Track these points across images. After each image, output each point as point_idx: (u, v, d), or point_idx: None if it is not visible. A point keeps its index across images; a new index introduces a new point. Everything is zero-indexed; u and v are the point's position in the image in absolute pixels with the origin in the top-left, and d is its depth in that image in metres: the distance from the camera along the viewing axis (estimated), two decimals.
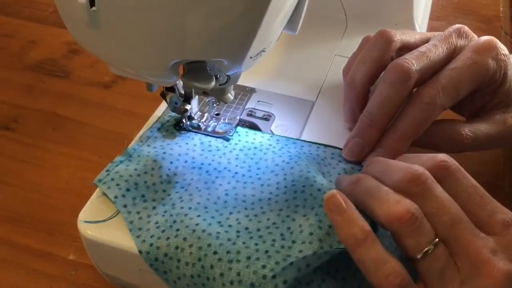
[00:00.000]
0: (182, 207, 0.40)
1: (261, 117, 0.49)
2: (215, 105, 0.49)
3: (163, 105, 0.50)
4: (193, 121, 0.47)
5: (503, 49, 0.45)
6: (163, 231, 0.39)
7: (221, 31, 0.33)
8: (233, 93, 0.43)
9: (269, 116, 0.50)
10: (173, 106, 0.45)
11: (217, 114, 0.49)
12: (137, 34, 0.33)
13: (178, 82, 0.42)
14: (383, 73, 0.44)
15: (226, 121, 0.48)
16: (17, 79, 0.67)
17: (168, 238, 0.38)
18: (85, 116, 0.62)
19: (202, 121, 0.47)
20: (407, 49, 0.45)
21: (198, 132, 0.47)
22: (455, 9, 0.80)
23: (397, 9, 0.59)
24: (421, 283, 0.34)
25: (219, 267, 0.36)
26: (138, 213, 0.40)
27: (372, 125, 0.43)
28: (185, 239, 0.38)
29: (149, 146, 0.45)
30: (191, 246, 0.37)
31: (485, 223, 0.34)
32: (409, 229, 0.33)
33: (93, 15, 0.32)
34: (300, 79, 0.54)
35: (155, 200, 0.41)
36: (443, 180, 0.35)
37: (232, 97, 0.43)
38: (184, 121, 0.47)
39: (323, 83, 0.54)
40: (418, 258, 0.33)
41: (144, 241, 0.38)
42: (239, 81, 0.42)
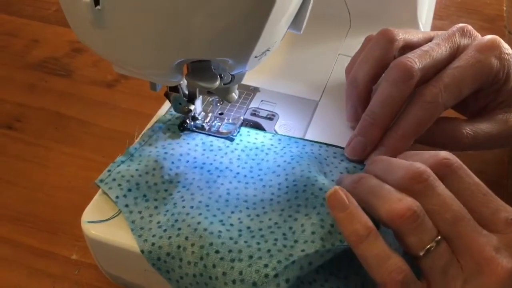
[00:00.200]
0: (183, 206, 0.40)
1: (265, 117, 0.49)
2: (219, 104, 0.49)
3: (167, 104, 0.49)
4: (197, 122, 0.47)
5: (506, 48, 0.45)
6: (165, 231, 0.38)
7: (226, 30, 0.33)
8: (237, 92, 0.43)
9: (273, 115, 0.49)
10: (176, 106, 0.45)
11: (221, 113, 0.49)
12: (141, 33, 0.33)
13: (182, 82, 0.42)
14: (385, 71, 0.44)
15: (230, 121, 0.48)
16: (20, 78, 0.67)
17: (170, 237, 0.38)
18: (88, 115, 0.62)
19: (206, 121, 0.47)
20: (409, 48, 0.45)
21: (202, 132, 0.47)
22: (458, 9, 0.79)
23: (401, 8, 0.59)
24: (424, 281, 0.34)
25: (221, 266, 0.36)
26: (139, 212, 0.40)
27: (374, 124, 0.43)
28: (187, 238, 0.38)
29: (150, 145, 0.45)
30: (193, 245, 0.37)
31: (488, 221, 0.34)
32: (411, 227, 0.33)
33: (97, 14, 0.32)
34: (304, 79, 0.54)
35: (156, 199, 0.41)
36: (446, 177, 0.35)
37: (236, 97, 0.42)
38: (188, 121, 0.46)
39: (327, 82, 0.53)
40: (420, 255, 0.33)
41: (146, 240, 0.38)
42: (243, 80, 0.41)
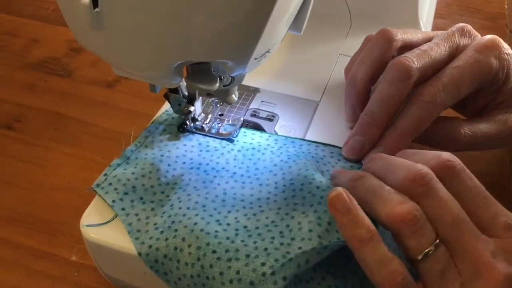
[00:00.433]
0: (180, 207, 0.40)
1: (265, 118, 0.49)
2: (219, 105, 0.49)
3: (167, 105, 0.49)
4: (197, 123, 0.47)
5: (506, 48, 0.44)
6: (162, 232, 0.38)
7: (226, 32, 0.33)
8: (237, 94, 0.42)
9: (273, 116, 0.49)
10: (176, 107, 0.45)
11: (221, 114, 0.49)
12: (140, 35, 0.33)
13: (181, 83, 0.42)
14: (384, 71, 0.44)
15: (230, 122, 0.48)
16: (20, 78, 0.67)
17: (167, 239, 0.38)
18: (88, 115, 0.61)
19: (205, 122, 0.47)
20: (408, 48, 0.45)
21: (201, 134, 0.47)
22: (460, 7, 0.79)
23: (402, 7, 0.59)
24: (421, 284, 0.34)
25: (218, 266, 0.36)
26: (136, 215, 0.40)
27: (372, 123, 0.43)
28: (183, 239, 0.37)
29: (146, 147, 0.45)
30: (190, 246, 0.37)
31: (487, 225, 0.34)
32: (410, 230, 0.33)
33: (96, 17, 0.32)
34: (304, 79, 0.53)
35: (153, 202, 0.41)
36: (447, 179, 0.35)
37: (236, 98, 0.42)
38: (187, 123, 0.46)
39: (327, 83, 0.53)
40: (418, 259, 0.33)
41: (143, 243, 0.38)
42: (243, 81, 0.41)
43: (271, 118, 0.49)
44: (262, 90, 0.52)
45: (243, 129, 0.47)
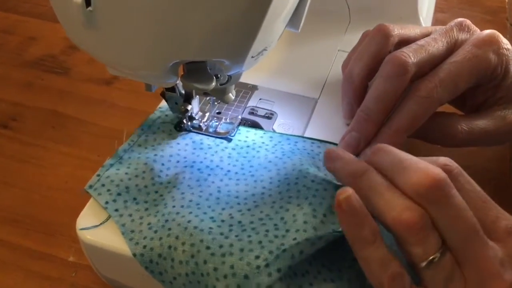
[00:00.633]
0: (174, 206, 0.39)
1: (264, 116, 0.48)
2: (216, 103, 0.48)
3: (165, 102, 0.49)
4: (194, 122, 0.46)
5: (505, 43, 0.44)
6: (156, 232, 0.38)
7: (222, 30, 0.32)
8: (234, 92, 0.42)
9: (272, 114, 0.49)
10: (173, 106, 0.44)
11: (219, 112, 0.48)
12: (134, 34, 0.32)
13: (178, 81, 0.41)
14: (380, 67, 0.43)
15: (227, 120, 0.47)
16: (16, 76, 0.66)
17: (160, 238, 0.37)
18: (85, 113, 0.61)
19: (203, 121, 0.47)
20: (406, 43, 0.44)
21: (199, 132, 0.46)
22: (460, 1, 0.79)
23: (402, 2, 0.58)
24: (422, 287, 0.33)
25: (213, 262, 0.35)
26: (130, 215, 0.40)
27: (368, 119, 0.42)
28: (177, 237, 0.37)
29: (140, 146, 0.44)
30: (183, 244, 0.37)
31: (488, 229, 0.33)
32: (417, 238, 0.32)
33: (89, 16, 0.31)
34: (302, 76, 0.53)
35: (147, 202, 0.41)
36: None
37: (233, 97, 0.42)
38: (184, 121, 0.46)
39: (326, 79, 0.53)
40: (422, 266, 0.33)
41: (137, 243, 0.38)
42: (241, 78, 0.41)
43: (269, 116, 0.48)
44: (260, 87, 0.51)
45: (240, 128, 0.47)
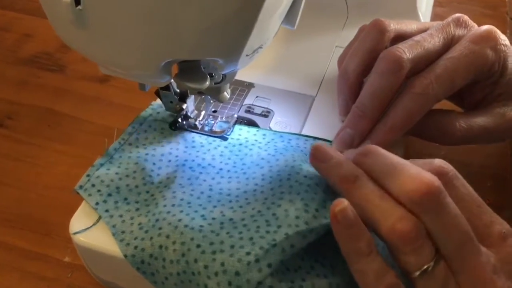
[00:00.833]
0: (165, 205, 0.39)
1: (260, 114, 0.48)
2: (212, 102, 0.48)
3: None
4: (190, 120, 0.45)
5: (503, 39, 0.43)
6: (147, 232, 0.37)
7: (215, 29, 0.32)
8: (229, 91, 0.41)
9: (268, 112, 0.48)
10: (168, 105, 0.44)
11: (214, 111, 0.47)
12: (126, 33, 0.32)
13: (172, 80, 0.41)
14: (375, 63, 0.43)
15: (223, 119, 0.46)
16: (11, 74, 0.65)
17: (151, 238, 0.37)
18: (81, 111, 0.60)
19: (198, 120, 0.46)
20: (402, 39, 0.44)
21: (194, 131, 0.45)
22: None
23: None
24: None
25: (203, 260, 0.35)
26: (120, 216, 0.39)
27: (363, 116, 0.42)
28: (168, 236, 0.36)
29: (130, 145, 0.44)
30: (174, 243, 0.36)
31: (482, 234, 0.33)
32: (411, 248, 0.32)
33: (78, 14, 0.31)
34: (299, 73, 0.52)
35: (138, 202, 0.40)
36: None
37: (228, 96, 0.41)
38: (179, 120, 0.45)
39: (323, 76, 0.52)
40: (416, 275, 0.32)
41: (128, 244, 0.37)
42: (236, 76, 0.40)
43: (266, 114, 0.48)
44: (256, 85, 0.51)
45: (237, 126, 0.46)
